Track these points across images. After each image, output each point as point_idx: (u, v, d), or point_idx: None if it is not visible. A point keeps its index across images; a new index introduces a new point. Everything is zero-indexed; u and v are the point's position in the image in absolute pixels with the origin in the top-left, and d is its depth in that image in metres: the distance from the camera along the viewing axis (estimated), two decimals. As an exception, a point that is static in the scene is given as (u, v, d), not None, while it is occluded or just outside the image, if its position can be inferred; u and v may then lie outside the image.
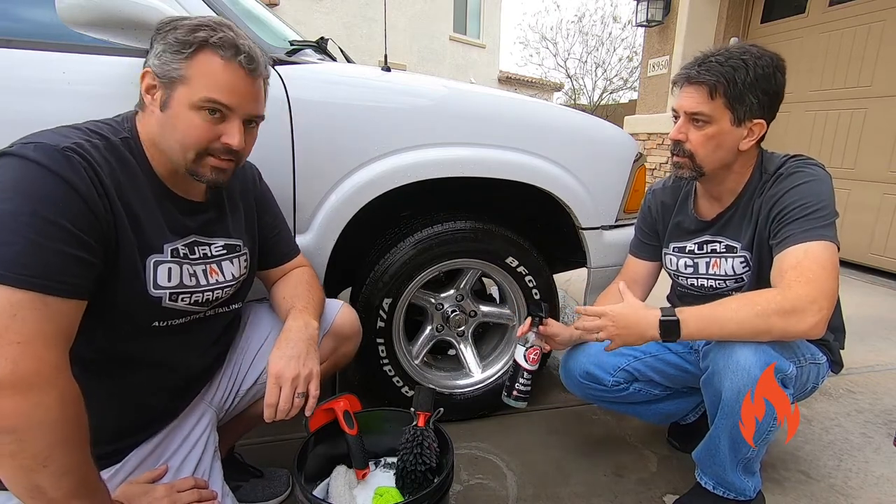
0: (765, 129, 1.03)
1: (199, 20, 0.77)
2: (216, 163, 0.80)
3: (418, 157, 1.22)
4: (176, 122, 0.76)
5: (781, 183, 1.02)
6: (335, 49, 1.58)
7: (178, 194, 0.83)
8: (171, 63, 0.74)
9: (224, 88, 0.76)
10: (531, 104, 1.41)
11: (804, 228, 0.95)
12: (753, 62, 0.98)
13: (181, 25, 0.76)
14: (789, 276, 0.92)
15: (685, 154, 1.05)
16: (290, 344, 0.88)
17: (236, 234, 0.94)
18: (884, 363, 1.96)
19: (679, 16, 4.38)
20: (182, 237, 0.83)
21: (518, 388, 1.17)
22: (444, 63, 12.71)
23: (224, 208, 0.92)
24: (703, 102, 1.00)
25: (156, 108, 0.76)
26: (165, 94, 0.76)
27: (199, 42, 0.74)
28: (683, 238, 1.20)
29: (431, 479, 0.95)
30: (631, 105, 7.88)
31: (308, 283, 1.05)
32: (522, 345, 1.17)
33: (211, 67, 0.75)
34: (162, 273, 0.78)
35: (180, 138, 0.76)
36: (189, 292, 0.83)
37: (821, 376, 1.07)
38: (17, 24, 1.07)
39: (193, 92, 0.75)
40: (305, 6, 9.82)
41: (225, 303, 0.93)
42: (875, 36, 3.18)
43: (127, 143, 0.77)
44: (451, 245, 1.33)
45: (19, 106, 0.99)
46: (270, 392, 0.83)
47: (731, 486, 1.06)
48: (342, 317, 1.10)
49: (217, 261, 0.89)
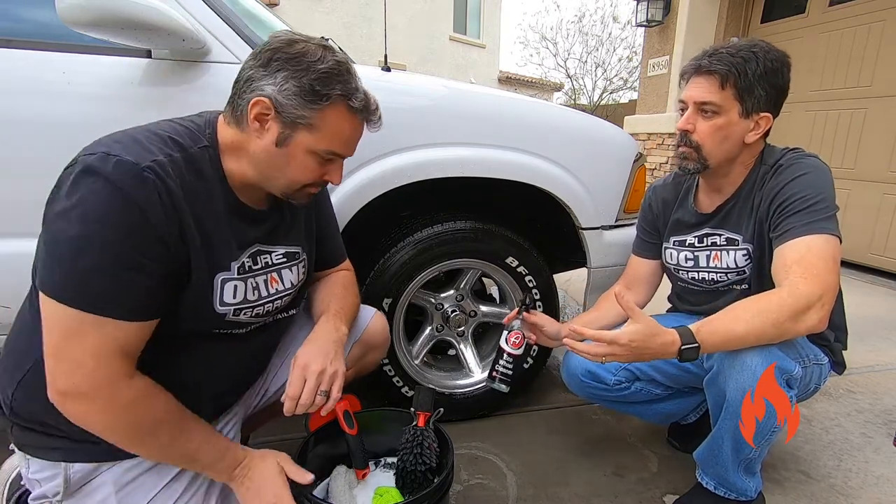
0: (771, 122, 1.04)
1: (332, 63, 0.74)
2: (313, 191, 0.85)
3: (418, 158, 1.22)
4: (291, 161, 0.78)
5: (781, 175, 1.02)
6: (335, 49, 1.57)
7: (245, 204, 0.82)
8: (301, 108, 0.74)
9: (346, 142, 0.81)
10: (531, 104, 1.41)
11: (805, 221, 0.95)
12: (763, 55, 0.99)
13: (314, 68, 0.73)
14: (794, 272, 0.92)
15: (691, 145, 1.05)
16: (320, 343, 0.88)
17: (296, 240, 0.93)
18: (884, 363, 1.96)
19: (679, 16, 4.38)
20: (248, 248, 0.82)
21: (498, 369, 1.16)
22: (444, 63, 12.70)
23: (285, 215, 0.91)
24: (713, 92, 1.00)
25: (265, 138, 0.76)
26: (285, 132, 0.75)
27: (337, 97, 0.75)
28: (683, 232, 1.20)
29: (431, 479, 0.95)
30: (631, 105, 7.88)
31: (344, 287, 1.05)
32: (507, 330, 1.18)
33: (340, 123, 0.78)
34: (228, 290, 0.78)
35: (291, 175, 0.79)
36: (251, 306, 0.83)
37: (823, 377, 1.07)
38: (17, 24, 1.07)
39: (319, 141, 0.77)
40: (305, 6, 9.82)
41: (283, 310, 0.93)
42: (875, 36, 3.18)
43: (206, 154, 0.75)
44: (451, 245, 1.33)
45: (19, 106, 1.00)
46: (294, 383, 0.82)
47: (733, 486, 1.06)
48: (374, 326, 1.10)
49: (277, 269, 0.88)
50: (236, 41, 1.10)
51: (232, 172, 0.79)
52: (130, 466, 0.78)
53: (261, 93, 0.73)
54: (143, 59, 1.05)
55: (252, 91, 0.74)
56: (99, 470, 0.77)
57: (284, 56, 0.73)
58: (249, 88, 0.74)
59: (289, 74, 0.73)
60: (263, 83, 0.73)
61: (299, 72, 0.73)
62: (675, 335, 0.91)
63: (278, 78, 0.73)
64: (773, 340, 0.92)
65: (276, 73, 0.73)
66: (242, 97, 0.75)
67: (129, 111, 1.04)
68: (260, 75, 0.74)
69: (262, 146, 0.76)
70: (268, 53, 0.74)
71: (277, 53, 0.73)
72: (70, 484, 0.76)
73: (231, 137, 0.78)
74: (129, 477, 0.78)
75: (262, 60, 0.74)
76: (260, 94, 0.73)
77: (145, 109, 1.03)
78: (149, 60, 1.05)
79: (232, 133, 0.78)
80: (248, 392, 1.00)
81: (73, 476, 0.76)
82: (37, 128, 1.01)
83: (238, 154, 0.78)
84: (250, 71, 0.75)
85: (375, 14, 10.54)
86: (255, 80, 0.74)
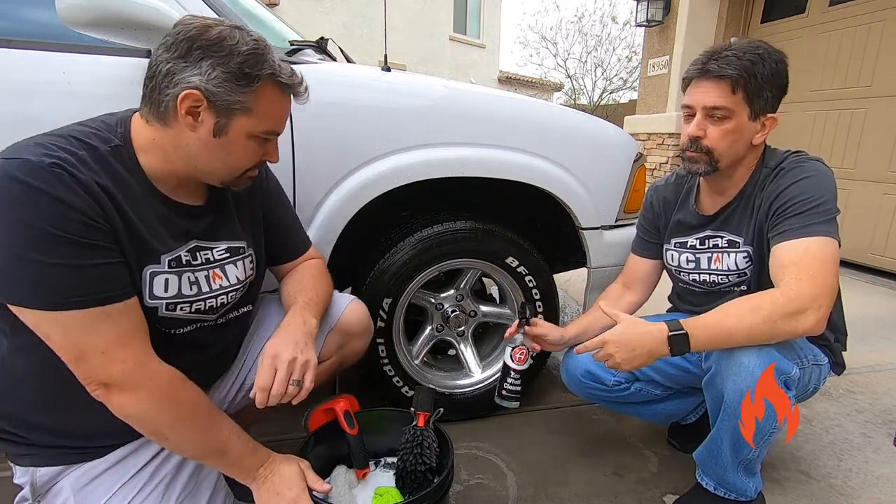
0: (776, 123, 1.04)
1: (252, 44, 0.73)
2: (252, 174, 0.85)
3: (418, 157, 1.22)
4: (232, 149, 0.77)
5: (782, 178, 1.02)
6: (335, 49, 1.57)
7: (175, 200, 0.81)
8: (234, 94, 0.72)
9: (281, 119, 0.82)
10: (531, 104, 1.41)
11: (804, 223, 0.95)
12: (768, 57, 0.98)
13: (237, 51, 0.72)
14: (790, 272, 0.92)
15: (702, 150, 1.03)
16: (289, 335, 0.87)
17: (240, 235, 0.92)
18: (884, 363, 1.96)
19: (679, 16, 4.38)
20: (184, 243, 0.81)
21: (507, 387, 1.18)
22: (444, 63, 12.70)
23: (226, 209, 0.90)
24: (724, 96, 0.98)
25: (201, 131, 0.74)
26: (221, 120, 0.74)
27: (267, 76, 0.75)
28: (685, 233, 1.20)
29: (431, 479, 0.95)
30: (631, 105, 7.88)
31: (314, 277, 1.03)
32: (510, 345, 1.18)
33: (273, 102, 0.78)
34: (158, 284, 0.77)
35: (233, 162, 0.79)
36: (189, 301, 0.81)
37: (822, 377, 1.07)
38: (18, 24, 1.07)
39: (257, 124, 0.77)
40: (305, 6, 9.82)
41: (234, 307, 0.92)
42: (875, 36, 3.18)
43: (118, 153, 0.73)
44: (451, 245, 1.33)
45: (19, 106, 0.99)
46: (265, 374, 0.81)
47: (732, 486, 1.06)
48: (350, 312, 1.08)
49: (220, 265, 0.87)
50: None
51: (154, 169, 0.76)
52: (88, 468, 0.79)
53: (187, 85, 0.70)
54: (143, 59, 1.05)
55: (176, 85, 0.70)
56: (62, 474, 0.78)
57: (204, 43, 0.70)
58: (172, 82, 0.71)
59: (214, 62, 0.70)
60: (188, 75, 0.70)
61: (224, 57, 0.71)
62: (662, 324, 0.93)
63: (203, 67, 0.70)
64: (766, 339, 0.91)
65: (200, 63, 0.70)
66: (165, 92, 0.71)
67: (129, 111, 1.04)
68: (181, 67, 0.70)
69: (196, 138, 0.74)
70: (185, 44, 0.70)
71: (196, 42, 0.70)
72: (36, 488, 0.78)
73: (153, 135, 0.75)
74: (87, 479, 0.79)
75: (180, 52, 0.70)
76: (187, 86, 0.70)
77: (145, 109, 1.03)
78: (149, 60, 1.05)
79: (153, 131, 0.75)
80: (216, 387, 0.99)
81: (38, 480, 0.78)
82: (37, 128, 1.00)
83: (163, 151, 0.76)
84: (168, 64, 0.71)
85: (375, 14, 10.53)
86: (177, 73, 0.70)
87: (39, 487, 0.78)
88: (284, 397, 0.82)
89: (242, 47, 0.72)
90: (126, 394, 0.70)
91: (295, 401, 0.84)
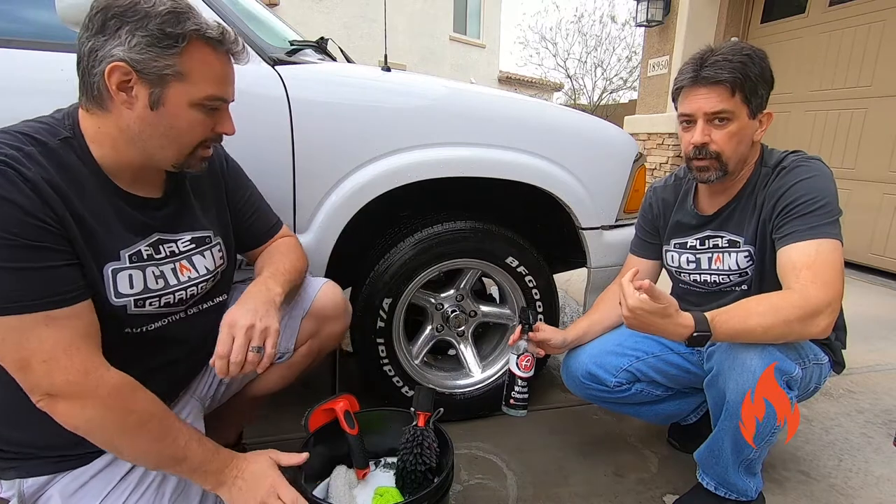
0: (772, 118, 1.05)
1: (170, 3, 0.68)
2: (205, 153, 0.80)
3: (418, 157, 1.22)
4: (174, 122, 0.72)
5: (785, 177, 1.02)
6: (335, 49, 1.58)
7: (132, 193, 0.77)
8: (161, 58, 0.67)
9: (221, 80, 0.75)
10: (531, 104, 1.41)
11: (811, 225, 0.95)
12: (755, 55, 0.99)
13: (154, 12, 0.67)
14: (804, 276, 0.92)
15: (710, 156, 1.03)
16: (248, 302, 0.83)
17: (204, 224, 0.89)
18: (884, 363, 1.96)
19: (679, 16, 4.38)
20: (144, 237, 0.78)
21: (514, 396, 1.17)
22: (444, 63, 12.70)
23: (187, 199, 0.87)
24: (725, 100, 0.99)
25: (137, 106, 0.70)
26: (155, 91, 0.69)
27: (191, 33, 0.69)
28: (685, 234, 1.20)
29: (431, 479, 0.95)
30: (631, 105, 7.88)
31: (282, 253, 1.00)
32: (515, 353, 1.17)
33: (207, 61, 0.72)
34: (122, 281, 0.74)
35: (178, 136, 0.74)
36: (157, 295, 0.79)
37: (823, 376, 1.07)
38: (17, 24, 1.07)
39: (195, 89, 0.72)
40: (305, 6, 9.81)
41: (204, 298, 0.89)
42: (875, 36, 3.18)
43: (68, 145, 0.70)
44: (450, 245, 1.33)
45: (19, 106, 0.99)
46: (223, 342, 0.77)
47: (733, 486, 1.06)
48: (323, 296, 1.05)
49: (187, 256, 0.84)
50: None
51: (107, 160, 0.73)
52: (76, 475, 0.78)
53: (111, 59, 0.66)
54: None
55: (101, 62, 0.67)
56: (49, 483, 0.77)
57: (117, 11, 0.66)
58: (96, 60, 0.67)
59: (132, 27, 0.66)
60: (109, 48, 0.66)
61: (140, 20, 0.66)
62: (689, 320, 0.90)
63: (123, 36, 0.66)
64: (777, 339, 0.92)
65: (119, 32, 0.66)
66: (93, 74, 0.68)
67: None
68: (101, 43, 0.67)
69: (135, 116, 0.70)
70: (98, 17, 0.67)
71: (109, 12, 0.66)
72: (24, 499, 0.76)
73: (97, 124, 0.72)
74: (76, 486, 0.77)
75: (97, 26, 0.67)
76: (111, 60, 0.66)
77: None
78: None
79: (96, 119, 0.72)
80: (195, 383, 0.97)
81: (26, 492, 0.76)
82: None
83: (111, 139, 0.72)
84: (88, 42, 0.67)
85: (375, 14, 10.53)
86: (99, 49, 0.67)
87: (28, 499, 0.76)
88: (246, 366, 0.78)
89: (160, 7, 0.67)
90: (70, 403, 0.66)
91: (259, 368, 0.80)
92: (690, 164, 1.08)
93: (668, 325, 0.90)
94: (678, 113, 1.08)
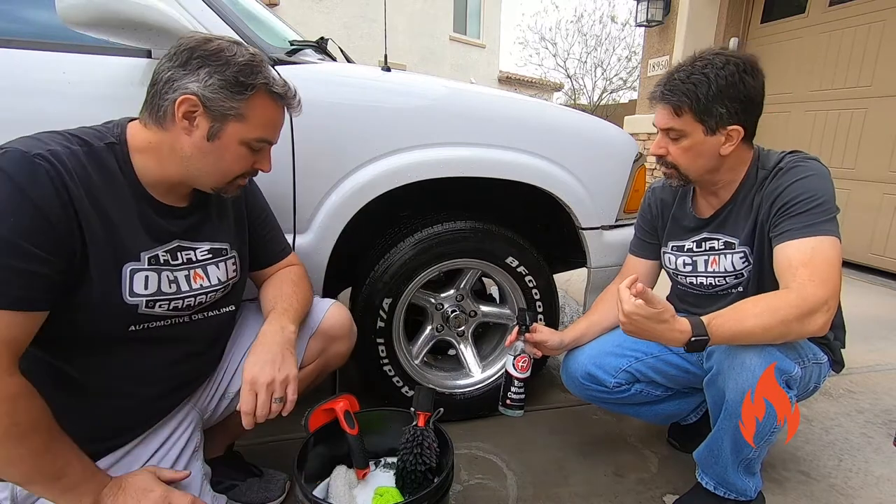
0: (742, 133, 1.03)
1: (248, 56, 0.79)
2: (241, 182, 0.88)
3: (418, 157, 1.22)
4: (224, 154, 0.81)
5: (782, 178, 1.02)
6: (335, 49, 1.58)
7: (160, 201, 0.83)
8: (228, 100, 0.77)
9: (273, 128, 0.86)
10: (531, 104, 1.41)
11: (808, 223, 0.96)
12: (715, 74, 0.98)
13: (234, 62, 0.77)
14: (802, 274, 0.92)
15: (669, 166, 1.10)
16: (265, 349, 0.87)
17: (223, 237, 0.93)
18: (884, 363, 1.97)
19: (679, 16, 4.38)
20: (164, 243, 0.82)
21: (510, 396, 1.17)
22: (444, 63, 12.70)
23: (210, 212, 0.92)
24: (671, 119, 1.04)
25: (195, 135, 0.78)
26: (215, 125, 0.78)
27: (260, 85, 0.79)
28: (682, 236, 1.20)
29: (431, 479, 0.95)
30: (631, 105, 7.88)
31: (294, 283, 1.03)
32: (511, 354, 1.17)
33: (266, 110, 0.82)
34: (138, 281, 0.78)
35: (224, 167, 0.82)
36: (167, 299, 0.82)
37: (822, 376, 1.07)
38: (17, 24, 1.07)
39: (249, 130, 0.81)
40: (305, 6, 9.82)
41: (212, 307, 0.92)
42: (875, 36, 3.18)
43: (111, 149, 0.77)
44: (450, 245, 1.33)
45: (19, 106, 0.99)
46: (246, 400, 0.82)
47: (733, 486, 1.06)
48: (331, 316, 1.08)
49: (202, 265, 0.88)
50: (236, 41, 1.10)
51: (147, 171, 0.80)
52: None
53: (185, 91, 0.75)
54: (143, 59, 1.05)
55: (175, 90, 0.76)
56: None
57: (203, 54, 0.76)
58: (171, 88, 0.76)
59: (211, 70, 0.76)
60: (186, 81, 0.76)
61: (221, 66, 0.76)
62: (686, 325, 0.91)
63: (201, 75, 0.76)
64: (776, 339, 0.92)
65: (198, 71, 0.76)
66: (164, 97, 0.76)
67: (129, 111, 1.03)
68: (180, 75, 0.76)
69: (191, 142, 0.78)
70: (185, 53, 0.76)
71: (196, 52, 0.76)
72: (17, 501, 0.76)
73: (149, 138, 0.79)
74: None
75: (181, 60, 0.76)
76: (185, 91, 0.75)
77: (145, 109, 1.03)
78: (149, 60, 1.05)
79: (150, 134, 0.79)
80: (198, 394, 0.99)
81: (19, 495, 0.76)
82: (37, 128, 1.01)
83: (158, 154, 0.79)
84: (169, 72, 0.76)
85: (375, 14, 10.53)
86: (177, 80, 0.76)
87: (21, 501, 0.76)
88: (271, 415, 0.84)
89: (239, 58, 0.78)
90: None
91: (284, 413, 0.86)
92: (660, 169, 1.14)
93: (664, 331, 0.90)
94: None
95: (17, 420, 0.67)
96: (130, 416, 0.87)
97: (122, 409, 0.85)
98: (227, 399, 1.02)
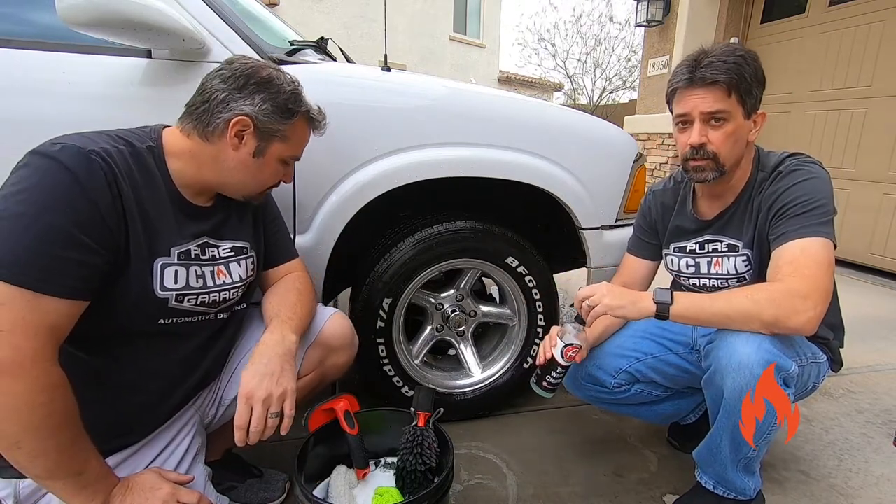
0: (766, 119, 1.06)
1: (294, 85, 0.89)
2: (268, 191, 0.98)
3: (418, 157, 1.22)
4: (264, 168, 0.90)
5: (781, 181, 1.02)
6: (335, 49, 1.58)
7: (190, 201, 0.88)
8: (277, 123, 0.87)
9: (304, 146, 0.97)
10: (531, 104, 1.41)
11: (801, 225, 0.96)
12: (749, 56, 1.00)
13: (283, 90, 0.87)
14: (784, 270, 0.93)
15: (708, 156, 1.03)
16: (264, 360, 0.86)
17: (243, 236, 0.97)
18: (884, 363, 1.97)
19: (679, 16, 4.38)
20: (193, 239, 0.87)
21: (549, 379, 1.13)
22: (444, 63, 12.70)
23: (232, 211, 0.95)
24: (721, 100, 0.99)
25: (242, 151, 0.86)
26: (262, 144, 0.87)
27: (303, 112, 0.91)
28: (684, 238, 1.20)
29: (431, 479, 0.95)
30: (631, 105, 7.88)
31: (299, 292, 1.03)
32: (564, 342, 1.11)
33: (303, 133, 0.94)
34: (169, 275, 0.82)
35: (262, 179, 0.92)
36: (195, 294, 0.86)
37: (821, 375, 1.07)
38: (17, 24, 1.07)
39: (288, 149, 0.91)
40: (305, 6, 9.81)
41: (234, 302, 0.95)
42: (875, 36, 3.18)
43: (151, 152, 0.82)
44: (451, 245, 1.33)
45: (20, 106, 0.99)
46: (241, 414, 0.81)
47: (732, 485, 1.06)
48: (331, 326, 1.06)
49: (225, 262, 0.92)
50: (236, 41, 1.10)
51: (182, 174, 0.86)
52: None
53: (240, 112, 0.84)
54: (143, 59, 1.06)
55: (230, 111, 0.83)
56: None
57: (258, 80, 0.85)
58: (226, 108, 0.83)
59: (266, 96, 0.85)
60: (241, 104, 0.84)
61: (273, 94, 0.86)
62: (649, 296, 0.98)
63: (256, 100, 0.85)
64: (749, 317, 0.91)
65: (254, 96, 0.84)
66: (217, 115, 0.83)
67: (129, 111, 1.04)
68: (236, 97, 0.84)
69: (237, 157, 0.86)
70: (241, 79, 0.84)
71: (251, 79, 0.85)
72: (20, 500, 0.77)
73: (190, 147, 0.85)
74: None
75: (237, 84, 0.84)
76: (239, 113, 0.83)
77: (145, 109, 1.03)
78: (149, 60, 1.06)
79: (191, 143, 0.85)
80: (202, 397, 0.99)
81: (22, 492, 0.77)
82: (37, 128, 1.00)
83: (198, 162, 0.86)
84: (224, 93, 0.84)
85: (375, 14, 10.53)
86: (232, 101, 0.84)
87: (24, 500, 0.76)
88: (266, 431, 0.83)
89: (287, 87, 0.88)
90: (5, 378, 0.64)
91: (283, 431, 0.85)
92: (687, 165, 1.07)
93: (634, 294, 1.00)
94: (674, 114, 1.08)
95: (53, 411, 0.67)
96: (144, 413, 0.87)
97: (138, 406, 0.86)
98: (223, 406, 1.02)
